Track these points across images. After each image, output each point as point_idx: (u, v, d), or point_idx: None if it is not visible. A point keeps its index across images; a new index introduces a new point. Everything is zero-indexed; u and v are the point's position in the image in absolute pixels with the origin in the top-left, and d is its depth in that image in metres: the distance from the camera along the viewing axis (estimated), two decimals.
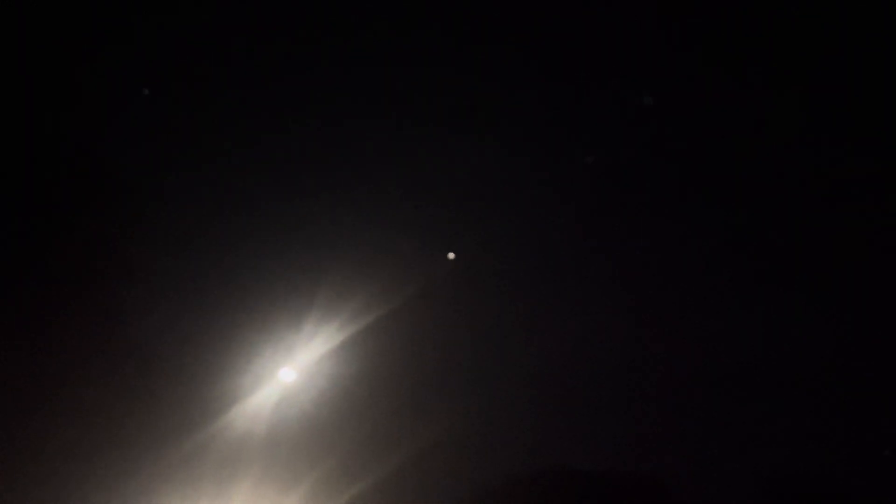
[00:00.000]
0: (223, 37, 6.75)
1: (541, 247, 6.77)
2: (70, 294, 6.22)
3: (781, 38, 6.89)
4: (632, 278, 6.79)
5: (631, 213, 6.85)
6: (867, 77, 6.89)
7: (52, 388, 5.92)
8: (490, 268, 6.70)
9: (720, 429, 6.37)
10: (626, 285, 6.78)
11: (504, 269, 6.71)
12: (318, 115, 6.80)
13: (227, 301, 6.45)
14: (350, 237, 6.64)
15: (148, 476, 5.86)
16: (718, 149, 6.89)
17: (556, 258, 6.76)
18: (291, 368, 6.43)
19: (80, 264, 6.31)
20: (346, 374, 6.43)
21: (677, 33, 6.98)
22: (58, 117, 6.61)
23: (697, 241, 6.80)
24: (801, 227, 6.84)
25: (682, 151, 6.93)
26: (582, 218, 6.84)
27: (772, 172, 6.93)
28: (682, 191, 6.89)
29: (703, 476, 6.25)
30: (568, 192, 6.86)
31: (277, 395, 6.34)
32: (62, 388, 5.93)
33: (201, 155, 6.63)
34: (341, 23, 6.82)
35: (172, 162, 6.63)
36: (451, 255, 6.69)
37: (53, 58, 6.65)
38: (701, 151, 6.92)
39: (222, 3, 6.82)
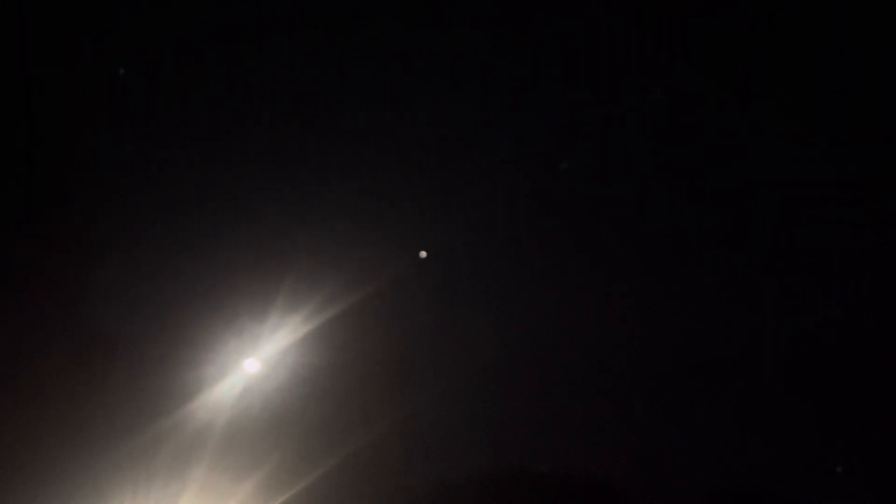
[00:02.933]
0: (205, 28, 6.67)
1: (510, 245, 6.78)
2: (31, 279, 6.18)
3: (761, 38, 6.86)
4: (601, 276, 6.81)
5: (603, 215, 6.86)
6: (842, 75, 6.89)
7: (9, 373, 5.91)
8: (457, 264, 6.70)
9: (687, 431, 6.43)
10: (595, 282, 6.80)
11: (472, 265, 6.72)
12: (288, 108, 6.75)
13: (192, 291, 6.44)
14: (317, 229, 6.61)
15: (106, 465, 5.87)
16: (696, 153, 6.89)
17: (526, 257, 6.77)
18: (256, 359, 6.44)
19: (44, 250, 6.27)
20: (311, 365, 6.44)
21: (655, 36, 6.93)
22: (22, 95, 6.52)
23: (670, 240, 6.82)
24: (779, 228, 6.86)
25: (660, 155, 6.92)
26: (554, 219, 6.84)
27: (750, 169, 6.93)
28: (658, 194, 6.89)
29: (667, 474, 6.33)
30: (542, 195, 6.85)
31: (241, 386, 6.36)
32: (20, 373, 5.92)
33: (171, 143, 6.56)
34: (317, 15, 6.74)
35: (141, 149, 6.56)
36: (423, 254, 6.68)
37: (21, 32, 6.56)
38: (677, 155, 6.91)
39: None
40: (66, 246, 6.33)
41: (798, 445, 6.40)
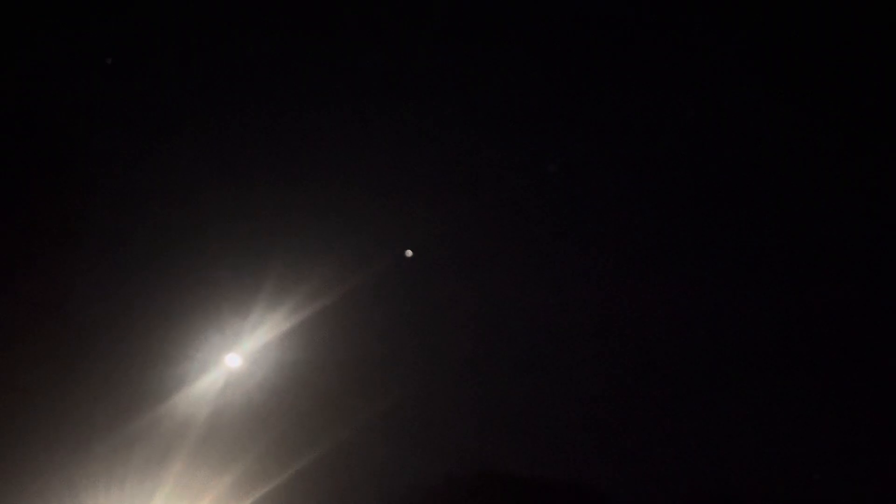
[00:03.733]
0: (195, 26, 6.67)
1: (493, 243, 6.78)
2: (10, 274, 6.17)
3: (740, 39, 6.87)
4: (585, 274, 6.81)
5: (586, 216, 6.87)
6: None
7: None
8: (439, 261, 6.71)
9: (657, 433, 6.45)
10: (579, 280, 6.81)
11: (454, 262, 6.73)
12: (274, 105, 6.76)
13: (175, 286, 6.44)
14: (298, 227, 6.62)
15: (84, 461, 5.88)
16: (679, 159, 6.90)
17: (509, 255, 6.77)
18: (237, 354, 6.45)
19: (24, 244, 6.27)
20: (292, 361, 6.45)
21: (642, 41, 6.93)
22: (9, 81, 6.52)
23: (654, 241, 6.83)
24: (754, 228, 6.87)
25: (646, 160, 6.93)
26: (535, 222, 6.84)
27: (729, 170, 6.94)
28: (643, 196, 6.91)
29: (638, 476, 6.34)
30: (527, 197, 6.86)
31: (222, 381, 6.37)
32: None
33: (155, 139, 6.57)
34: (302, 13, 6.74)
35: (125, 144, 6.56)
36: (409, 253, 6.69)
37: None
38: (663, 162, 6.92)
39: None
40: (46, 241, 6.34)
41: (779, 450, 6.42)
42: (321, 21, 6.88)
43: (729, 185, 6.93)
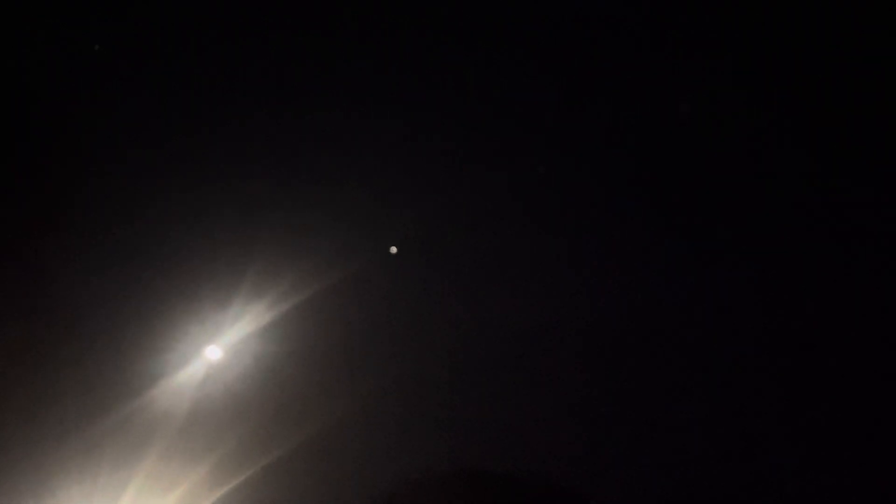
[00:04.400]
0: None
1: (474, 242, 6.82)
2: None
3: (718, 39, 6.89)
4: (565, 277, 6.86)
5: (573, 220, 6.92)
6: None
7: None
8: (421, 258, 6.77)
9: (619, 433, 6.50)
10: (558, 283, 6.85)
11: (435, 260, 6.78)
12: (256, 99, 6.82)
13: (155, 278, 6.51)
14: (279, 220, 6.68)
15: (62, 452, 5.96)
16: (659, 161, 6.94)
17: (489, 255, 6.82)
18: (217, 346, 6.54)
19: (4, 232, 6.32)
20: (271, 354, 6.53)
21: (632, 42, 6.95)
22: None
23: (634, 239, 6.87)
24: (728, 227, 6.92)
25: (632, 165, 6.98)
26: (520, 222, 6.89)
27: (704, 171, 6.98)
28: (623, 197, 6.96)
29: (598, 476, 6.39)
30: (515, 197, 6.92)
31: (202, 373, 6.45)
32: None
33: (136, 131, 6.62)
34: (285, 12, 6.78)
35: (106, 139, 6.62)
36: (394, 250, 6.76)
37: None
38: (651, 163, 6.96)
39: None
40: (25, 233, 6.39)
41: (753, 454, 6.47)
42: (305, 17, 6.91)
43: (711, 185, 6.97)
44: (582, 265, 6.86)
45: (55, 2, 6.76)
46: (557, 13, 7.00)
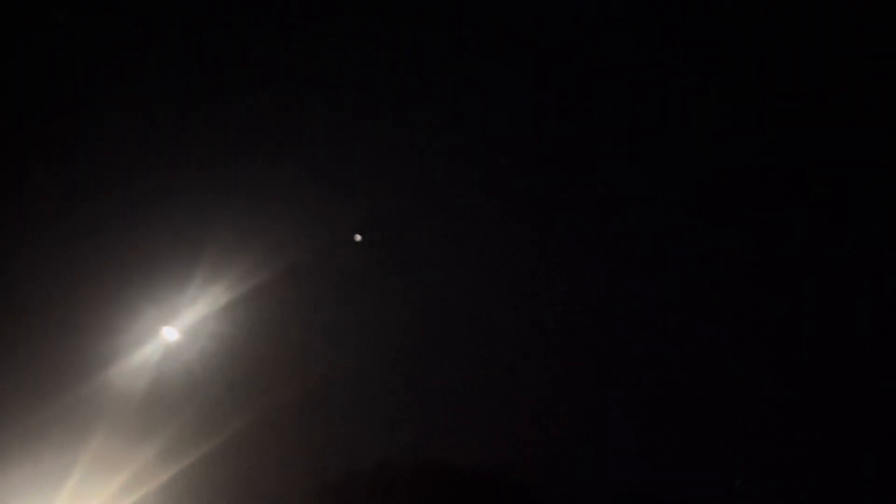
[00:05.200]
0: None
1: (435, 233, 6.77)
2: None
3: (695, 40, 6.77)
4: (527, 267, 6.82)
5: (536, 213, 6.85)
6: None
7: None
8: (378, 244, 6.73)
9: (577, 428, 6.49)
10: (520, 273, 6.81)
11: (394, 247, 6.74)
12: (217, 84, 6.72)
13: (112, 261, 6.47)
14: (237, 205, 6.62)
15: (12, 433, 5.97)
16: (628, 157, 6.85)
17: (452, 247, 6.78)
18: (174, 328, 6.52)
19: None
20: (226, 336, 6.51)
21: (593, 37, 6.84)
22: None
23: (592, 237, 6.82)
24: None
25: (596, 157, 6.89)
26: (479, 213, 6.82)
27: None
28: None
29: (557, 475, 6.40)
30: (476, 188, 6.84)
31: (159, 354, 6.45)
32: None
33: (93, 112, 6.54)
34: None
35: (62, 116, 6.53)
36: (358, 237, 6.71)
37: None
38: (615, 155, 6.87)
39: None
40: None
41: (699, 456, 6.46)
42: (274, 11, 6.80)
43: (681, 181, 6.90)
44: (547, 258, 6.81)
45: None
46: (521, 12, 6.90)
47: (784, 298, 6.61)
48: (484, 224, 6.89)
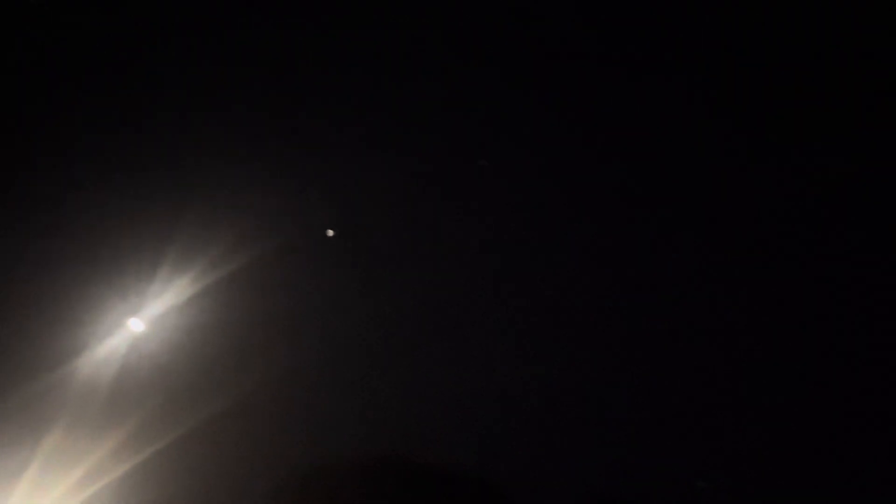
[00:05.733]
0: None
1: (407, 231, 6.72)
2: None
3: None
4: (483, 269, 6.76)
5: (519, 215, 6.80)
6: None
7: None
8: (352, 238, 6.69)
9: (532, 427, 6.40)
10: (476, 274, 6.76)
11: (367, 240, 6.69)
12: (182, 72, 6.69)
13: (74, 251, 6.43)
14: (204, 193, 6.58)
15: None
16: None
17: (422, 245, 6.72)
18: (140, 319, 6.46)
19: None
20: (194, 326, 6.45)
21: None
22: None
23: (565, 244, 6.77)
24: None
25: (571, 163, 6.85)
26: (454, 213, 6.77)
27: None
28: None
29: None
30: (454, 190, 6.78)
31: (125, 346, 6.39)
32: None
33: (54, 101, 6.53)
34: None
35: (30, 103, 6.52)
36: (330, 233, 6.66)
37: None
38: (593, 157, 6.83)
39: None
40: None
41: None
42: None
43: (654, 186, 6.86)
44: (518, 257, 6.75)
45: None
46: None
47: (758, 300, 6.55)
48: (456, 223, 6.84)
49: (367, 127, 6.89)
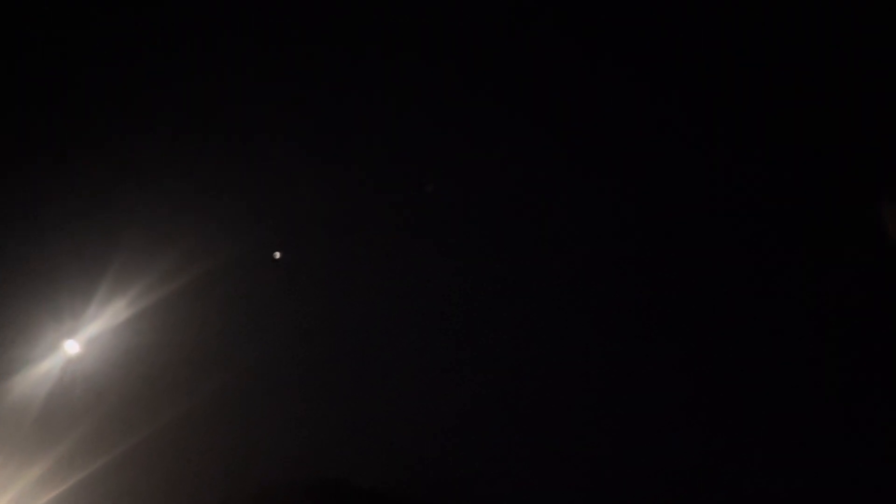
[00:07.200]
0: None
1: (352, 253, 6.72)
2: None
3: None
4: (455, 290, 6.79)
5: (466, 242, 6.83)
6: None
7: None
8: (295, 259, 6.69)
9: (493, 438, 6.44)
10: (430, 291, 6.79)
11: (313, 262, 6.69)
12: (139, 86, 6.66)
13: (9, 273, 6.39)
14: (144, 213, 6.56)
15: None
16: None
17: (367, 267, 6.74)
18: (76, 341, 6.42)
19: None
20: (130, 347, 6.43)
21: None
22: None
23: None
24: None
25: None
26: (401, 235, 6.80)
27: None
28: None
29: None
30: (402, 216, 6.81)
31: (59, 368, 6.34)
32: None
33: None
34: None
35: None
36: (277, 255, 6.67)
37: None
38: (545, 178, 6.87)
39: None
40: None
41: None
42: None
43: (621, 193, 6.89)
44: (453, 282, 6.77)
45: None
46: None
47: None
48: (405, 249, 6.84)
49: (310, 149, 6.89)
